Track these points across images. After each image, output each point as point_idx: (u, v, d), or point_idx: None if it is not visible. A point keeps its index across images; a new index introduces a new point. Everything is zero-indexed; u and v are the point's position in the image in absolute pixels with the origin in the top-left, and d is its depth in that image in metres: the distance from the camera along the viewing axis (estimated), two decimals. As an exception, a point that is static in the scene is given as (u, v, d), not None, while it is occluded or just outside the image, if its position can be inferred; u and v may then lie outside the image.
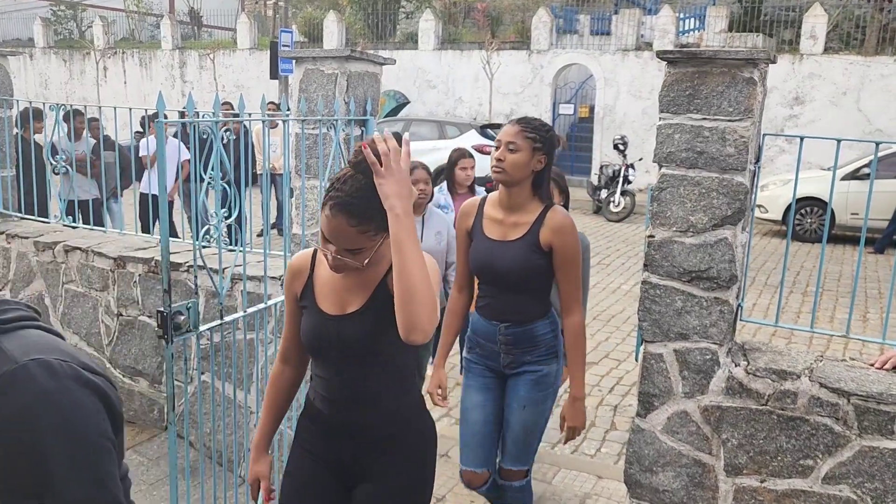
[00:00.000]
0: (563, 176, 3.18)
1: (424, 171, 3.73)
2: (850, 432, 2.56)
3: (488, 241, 2.63)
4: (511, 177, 2.52)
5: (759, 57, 2.56)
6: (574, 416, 2.69)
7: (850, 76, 14.65)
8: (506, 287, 2.64)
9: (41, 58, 23.15)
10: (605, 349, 6.02)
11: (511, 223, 2.60)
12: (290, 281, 2.01)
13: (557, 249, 2.55)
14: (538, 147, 2.51)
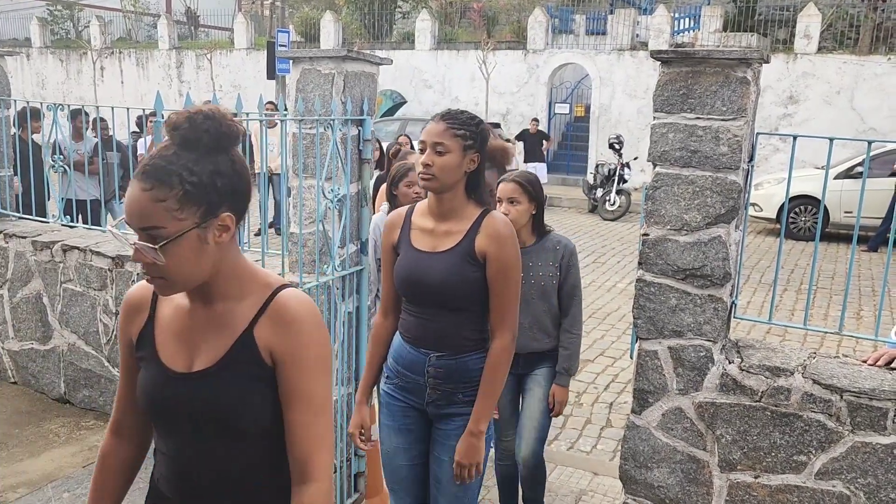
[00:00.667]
0: (538, 182, 3.05)
1: None
2: (843, 428, 2.59)
3: (416, 253, 2.30)
4: (442, 183, 2.21)
5: (753, 57, 2.59)
6: (464, 451, 2.27)
7: (843, 75, 14.72)
8: (437, 306, 2.28)
9: (38, 57, 23.12)
10: (600, 347, 6.05)
11: (443, 232, 2.29)
12: (124, 322, 1.52)
13: (491, 259, 2.22)
14: (469, 145, 2.22)
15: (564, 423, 4.58)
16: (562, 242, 3.04)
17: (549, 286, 3.01)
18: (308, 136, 3.18)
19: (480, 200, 2.31)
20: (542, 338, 3.05)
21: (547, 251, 3.01)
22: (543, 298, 3.01)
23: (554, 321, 3.06)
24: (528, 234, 3.00)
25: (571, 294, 3.05)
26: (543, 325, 3.04)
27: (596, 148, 16.78)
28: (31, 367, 4.59)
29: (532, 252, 2.98)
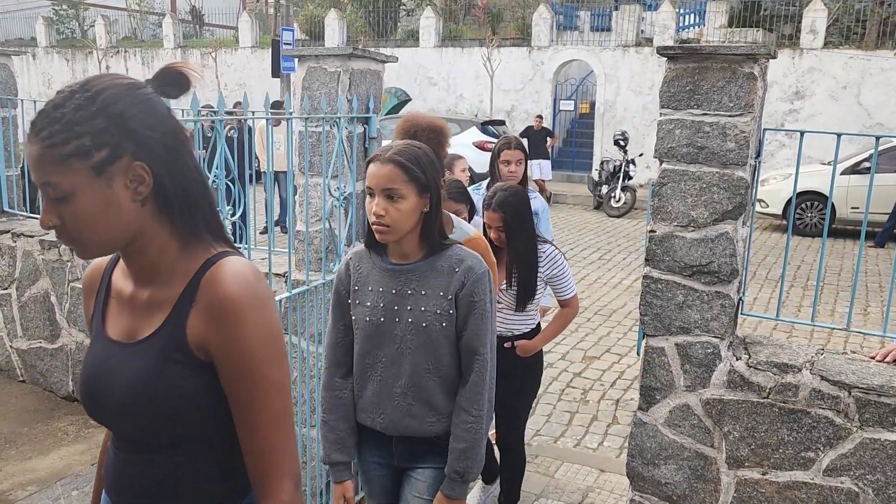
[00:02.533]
0: (433, 161, 2.58)
1: None
2: (851, 425, 2.59)
3: None
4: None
5: (760, 52, 2.58)
6: None
7: (850, 70, 14.65)
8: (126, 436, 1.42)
9: (44, 57, 23.19)
10: (606, 344, 6.04)
11: None
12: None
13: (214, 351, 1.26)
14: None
15: (571, 420, 4.59)
16: (465, 263, 1.99)
17: (436, 330, 1.98)
18: (314, 134, 3.18)
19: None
20: (424, 414, 2.03)
21: (438, 274, 1.99)
22: (428, 350, 1.99)
23: (447, 388, 2.03)
24: (414, 244, 2.02)
25: (473, 349, 2.00)
26: (427, 394, 2.01)
27: (601, 144, 16.75)
28: (40, 366, 4.61)
29: (414, 274, 2.00)
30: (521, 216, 3.04)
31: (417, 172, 1.92)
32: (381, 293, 2.04)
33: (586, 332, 6.35)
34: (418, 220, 1.97)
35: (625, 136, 13.10)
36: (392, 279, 2.03)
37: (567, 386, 5.12)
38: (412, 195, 1.93)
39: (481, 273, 2.01)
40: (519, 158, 3.64)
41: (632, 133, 14.86)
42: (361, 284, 2.07)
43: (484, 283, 2.00)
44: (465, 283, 1.98)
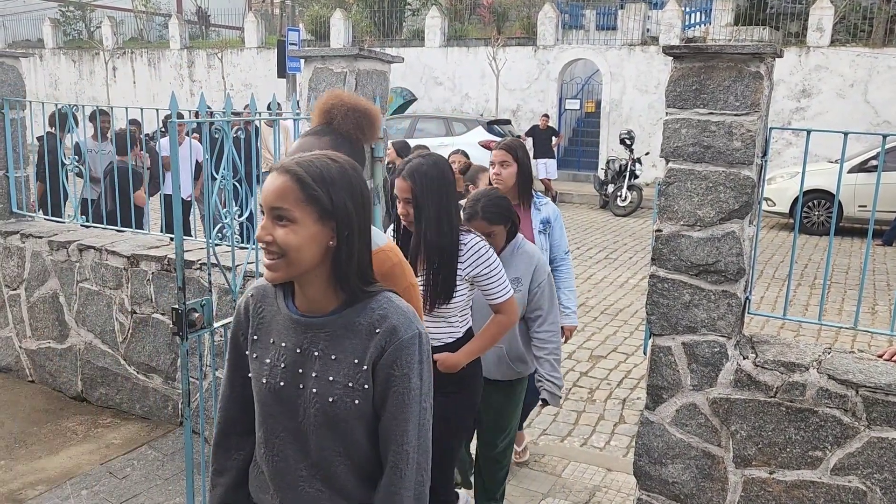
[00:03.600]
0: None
1: None
2: (858, 424, 2.58)
3: None
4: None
5: (766, 51, 2.58)
6: None
7: (857, 68, 14.60)
8: None
9: (51, 58, 23.30)
10: (612, 343, 6.04)
11: None
12: None
13: None
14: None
15: (577, 419, 4.59)
16: (387, 321, 1.48)
17: (345, 408, 1.49)
18: (321, 135, 3.19)
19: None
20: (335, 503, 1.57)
21: (354, 335, 1.49)
22: (336, 431, 1.51)
23: (364, 475, 1.56)
24: (321, 289, 1.51)
25: (390, 437, 1.50)
26: (338, 483, 1.55)
27: (607, 143, 16.73)
28: (49, 366, 4.63)
29: (323, 331, 1.51)
30: (437, 190, 2.47)
31: (318, 191, 1.43)
32: (283, 349, 1.53)
33: (593, 331, 6.35)
34: (322, 255, 1.46)
35: (630, 135, 13.09)
36: (296, 333, 1.52)
37: (573, 385, 5.12)
38: (308, 221, 1.43)
39: (408, 338, 1.47)
40: (504, 160, 3.40)
41: (638, 132, 14.84)
42: (262, 333, 1.58)
43: (411, 352, 1.47)
44: (386, 350, 1.46)
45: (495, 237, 2.91)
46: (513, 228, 3.00)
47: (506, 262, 2.90)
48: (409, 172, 2.48)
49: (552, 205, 3.66)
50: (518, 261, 2.98)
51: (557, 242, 3.63)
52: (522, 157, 3.47)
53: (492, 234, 2.88)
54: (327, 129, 1.88)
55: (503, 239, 2.99)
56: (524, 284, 2.99)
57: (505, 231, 2.97)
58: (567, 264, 3.69)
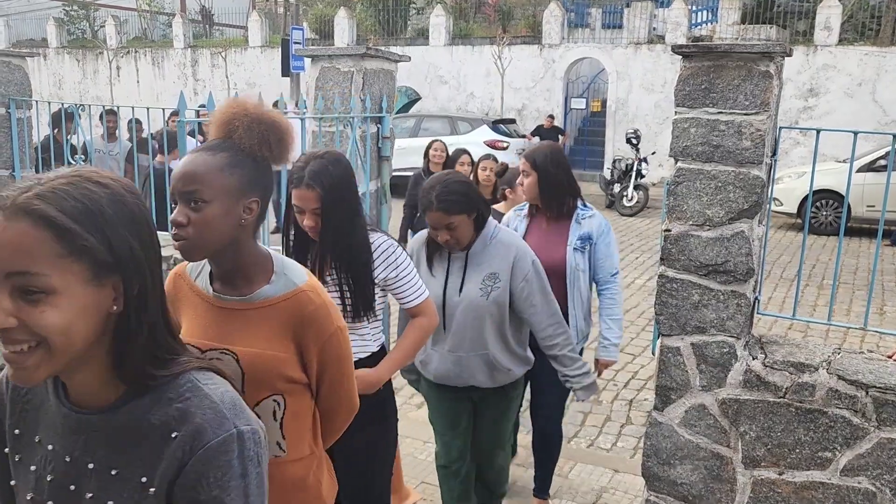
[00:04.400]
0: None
1: None
2: (868, 424, 2.56)
3: None
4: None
5: (775, 50, 2.56)
6: None
7: (865, 67, 14.54)
8: None
9: (55, 58, 23.36)
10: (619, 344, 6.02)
11: None
12: None
13: None
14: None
15: (584, 420, 4.57)
16: (190, 421, 1.02)
17: None
18: (328, 134, 3.19)
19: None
20: None
21: (141, 439, 1.03)
22: None
23: None
24: (97, 376, 1.04)
25: None
26: None
27: (613, 143, 16.70)
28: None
29: (100, 433, 1.04)
30: (345, 192, 2.18)
31: (87, 239, 0.94)
32: (50, 454, 1.07)
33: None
34: (102, 328, 1.00)
35: (637, 135, 13.05)
36: (67, 433, 1.06)
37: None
38: (75, 285, 0.94)
39: (219, 443, 1.00)
40: (524, 169, 3.19)
41: (644, 131, 14.81)
42: (25, 427, 1.11)
43: (225, 463, 1.00)
44: (186, 464, 1.00)
45: (458, 229, 2.59)
46: (479, 218, 2.66)
47: (477, 257, 2.68)
48: (313, 178, 2.09)
49: (600, 218, 3.26)
50: (493, 254, 2.68)
51: (602, 262, 3.23)
52: (543, 163, 3.14)
53: (452, 226, 2.57)
54: (225, 144, 1.52)
55: (469, 230, 2.64)
56: (503, 279, 2.67)
57: (470, 221, 2.62)
58: (613, 289, 3.26)
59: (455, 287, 2.69)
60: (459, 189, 2.58)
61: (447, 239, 2.60)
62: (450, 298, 2.69)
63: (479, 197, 2.65)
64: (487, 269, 2.67)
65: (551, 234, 3.19)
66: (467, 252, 2.68)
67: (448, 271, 2.72)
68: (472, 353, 2.73)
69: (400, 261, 2.31)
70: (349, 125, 3.13)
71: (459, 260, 2.70)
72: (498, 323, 2.73)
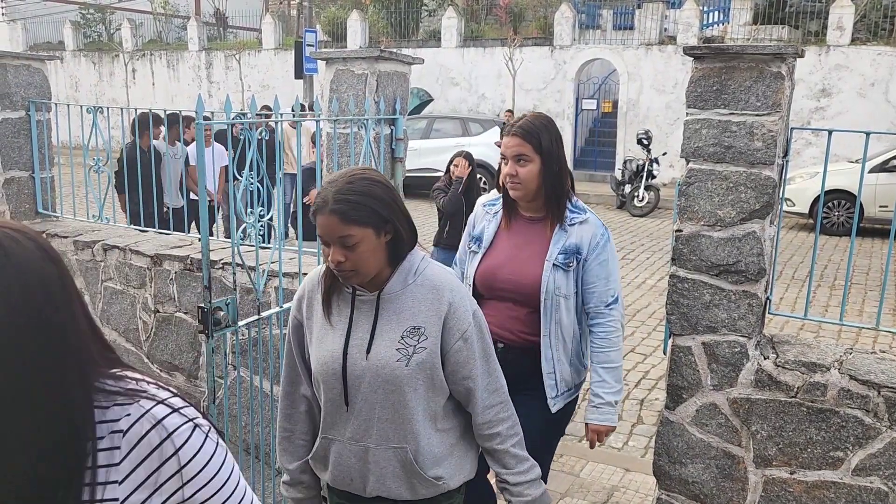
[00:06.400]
0: None
1: None
2: (880, 424, 2.57)
3: None
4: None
5: (787, 51, 2.58)
6: None
7: (878, 67, 14.45)
8: None
9: (71, 60, 23.58)
10: (630, 343, 6.03)
11: None
12: None
13: None
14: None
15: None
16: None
17: None
18: (342, 136, 3.23)
19: None
20: None
21: None
22: None
23: None
24: None
25: None
26: None
27: (624, 144, 16.67)
28: (73, 364, 4.70)
29: None
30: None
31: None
32: None
33: (610, 331, 6.34)
34: None
35: (648, 135, 13.03)
36: None
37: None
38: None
39: None
40: (520, 153, 2.37)
41: (655, 132, 14.78)
42: None
43: None
44: None
45: (357, 249, 1.70)
46: (396, 243, 1.79)
47: (394, 303, 1.81)
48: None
49: (595, 223, 2.43)
50: (417, 298, 1.82)
51: (594, 286, 2.41)
52: (548, 146, 2.34)
53: (349, 243, 1.69)
54: None
55: (376, 257, 1.76)
56: (430, 337, 1.81)
57: (379, 242, 1.75)
58: (610, 324, 2.43)
59: (360, 345, 1.81)
60: (370, 190, 1.73)
61: (339, 261, 1.71)
62: (353, 361, 1.81)
63: (400, 210, 1.79)
64: (409, 322, 1.80)
65: (525, 241, 2.43)
66: (379, 294, 1.81)
67: (351, 321, 1.83)
68: (384, 447, 1.84)
69: None
70: (363, 127, 3.17)
71: (368, 305, 1.83)
72: (424, 402, 1.84)
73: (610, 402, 2.45)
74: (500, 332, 2.41)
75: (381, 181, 1.80)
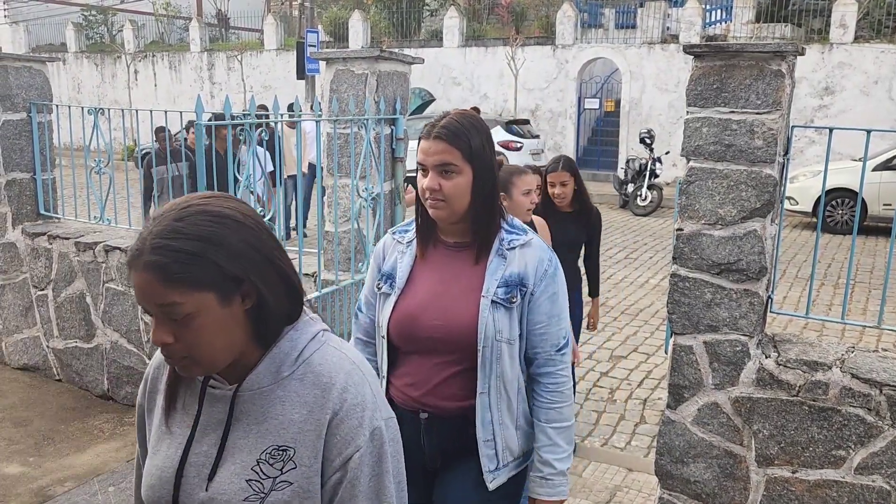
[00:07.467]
0: None
1: None
2: (882, 423, 2.57)
3: None
4: None
5: (787, 49, 2.57)
6: None
7: (881, 65, 14.41)
8: None
9: (74, 62, 23.63)
10: (633, 343, 6.02)
11: None
12: None
13: None
14: None
15: (598, 419, 4.59)
16: None
17: None
18: (342, 136, 3.22)
19: None
20: None
21: None
22: None
23: None
24: None
25: None
26: None
27: (626, 143, 16.66)
28: (76, 365, 4.72)
29: None
30: None
31: None
32: None
33: (613, 331, 6.34)
34: None
35: (650, 134, 13.02)
36: None
37: (594, 385, 5.12)
38: None
39: None
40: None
41: (658, 131, 14.76)
42: None
43: None
44: None
45: (193, 324, 1.10)
46: (262, 308, 1.15)
47: (253, 403, 1.18)
48: None
49: (539, 246, 1.87)
50: (288, 403, 1.18)
51: (542, 327, 1.86)
52: (481, 152, 1.83)
53: (179, 313, 1.09)
54: None
55: (232, 336, 1.14)
56: (301, 466, 1.17)
57: (232, 311, 1.13)
58: (560, 373, 1.90)
59: (202, 466, 1.18)
60: (212, 232, 1.10)
61: (165, 342, 1.12)
62: (188, 493, 1.19)
63: (268, 261, 1.15)
64: (272, 438, 1.17)
65: (452, 275, 1.87)
66: (236, 391, 1.18)
67: (196, 426, 1.21)
68: None
69: None
70: (363, 127, 3.17)
71: (221, 405, 1.20)
72: None
73: (562, 472, 1.89)
74: (423, 399, 1.86)
75: (233, 216, 1.13)
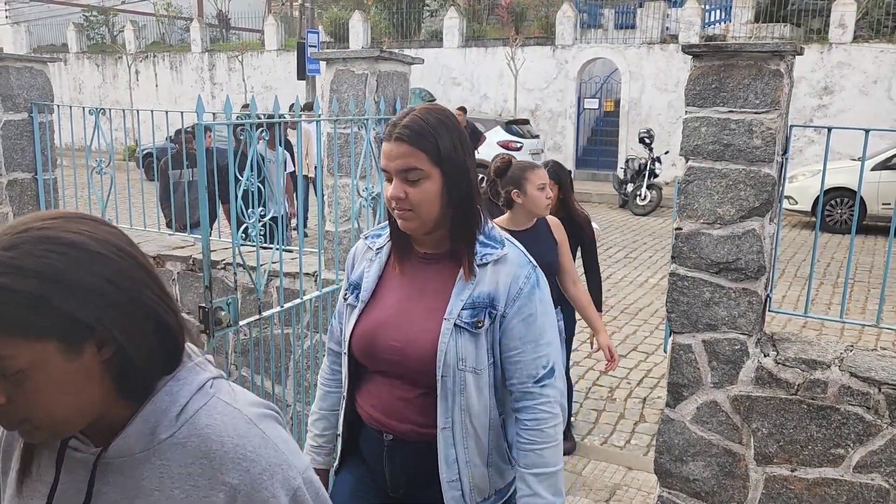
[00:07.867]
0: None
1: None
2: (881, 421, 2.58)
3: None
4: None
5: (786, 49, 2.58)
6: None
7: (880, 65, 14.42)
8: None
9: (75, 62, 23.65)
10: (633, 342, 6.04)
11: None
12: None
13: None
14: None
15: (598, 418, 4.60)
16: None
17: None
18: (342, 136, 3.24)
19: None
20: None
21: None
22: None
23: None
24: None
25: None
26: None
27: (626, 143, 16.67)
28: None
29: None
30: None
31: None
32: None
33: (612, 330, 6.35)
34: None
35: (650, 134, 13.03)
36: None
37: (593, 384, 5.13)
38: None
39: None
40: None
41: (657, 130, 14.77)
42: None
43: None
44: None
45: (27, 382, 0.84)
46: (124, 361, 0.89)
47: (120, 474, 0.92)
48: None
49: (515, 260, 1.63)
50: (165, 476, 0.91)
51: (516, 354, 1.61)
52: (451, 153, 1.56)
53: (10, 368, 0.82)
54: None
55: (85, 394, 0.88)
56: None
57: (83, 364, 0.86)
58: (540, 408, 1.62)
59: None
60: (52, 268, 0.83)
61: None
62: None
63: (131, 303, 0.89)
64: None
65: (419, 291, 1.66)
66: (98, 456, 0.93)
67: (52, 495, 0.95)
68: None
69: None
70: (363, 127, 3.18)
71: (82, 470, 0.94)
72: None
73: None
74: (385, 420, 1.65)
75: (84, 244, 0.87)
